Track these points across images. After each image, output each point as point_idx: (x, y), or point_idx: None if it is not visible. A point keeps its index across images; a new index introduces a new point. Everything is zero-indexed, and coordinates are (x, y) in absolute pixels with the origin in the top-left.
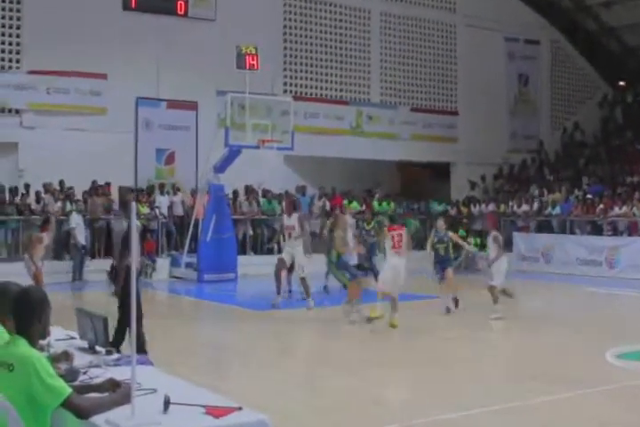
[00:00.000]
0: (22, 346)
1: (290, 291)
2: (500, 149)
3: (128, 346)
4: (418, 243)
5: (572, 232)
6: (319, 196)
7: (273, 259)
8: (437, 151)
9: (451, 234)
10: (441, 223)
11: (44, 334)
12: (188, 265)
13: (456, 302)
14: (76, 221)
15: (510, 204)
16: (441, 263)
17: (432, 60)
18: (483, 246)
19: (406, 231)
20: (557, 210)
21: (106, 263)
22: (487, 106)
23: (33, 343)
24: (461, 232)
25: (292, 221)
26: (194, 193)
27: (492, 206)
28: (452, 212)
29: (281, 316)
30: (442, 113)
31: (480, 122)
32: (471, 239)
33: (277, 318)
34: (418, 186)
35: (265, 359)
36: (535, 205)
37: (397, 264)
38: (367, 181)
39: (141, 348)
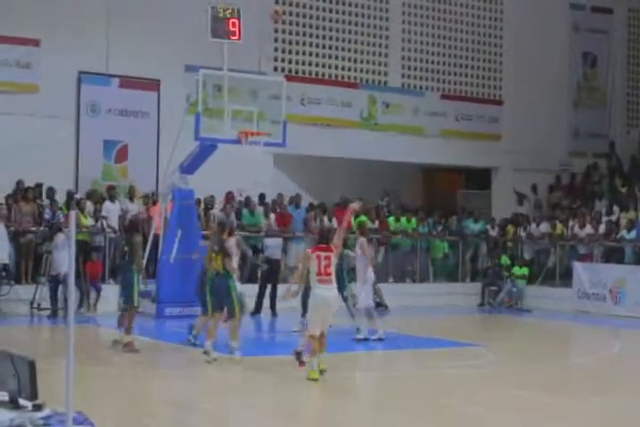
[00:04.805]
0: None
1: None
2: (558, 152)
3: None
4: (447, 272)
5: None
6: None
7: (254, 289)
8: (475, 152)
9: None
10: None
11: None
12: (145, 295)
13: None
14: None
15: (570, 224)
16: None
17: (471, 31)
18: (530, 279)
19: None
20: (632, 234)
21: (32, 290)
22: (541, 94)
23: None
24: (505, 260)
25: None
26: (152, 200)
27: (544, 226)
28: (493, 232)
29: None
30: (481, 102)
31: (531, 115)
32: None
33: (264, 364)
34: (448, 198)
35: (248, 423)
36: (602, 227)
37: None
38: (381, 190)
39: None
